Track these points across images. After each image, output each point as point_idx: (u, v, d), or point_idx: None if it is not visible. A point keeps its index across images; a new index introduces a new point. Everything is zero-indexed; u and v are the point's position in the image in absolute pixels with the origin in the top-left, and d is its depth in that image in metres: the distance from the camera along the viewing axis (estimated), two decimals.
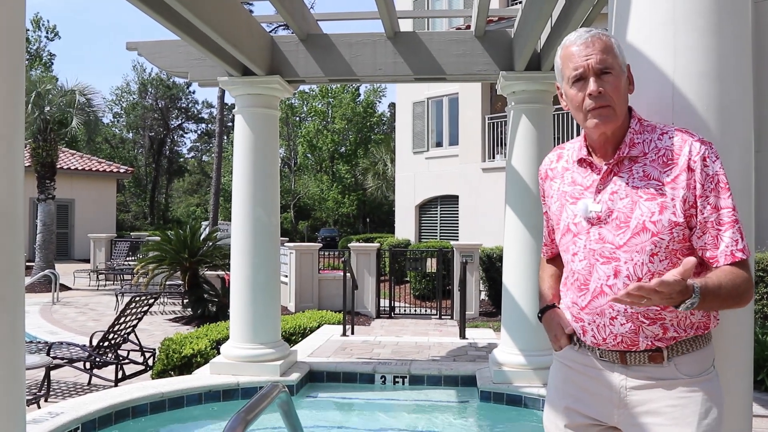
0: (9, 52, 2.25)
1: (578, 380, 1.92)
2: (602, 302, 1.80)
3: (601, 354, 1.84)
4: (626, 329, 1.77)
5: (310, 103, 41.19)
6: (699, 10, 1.92)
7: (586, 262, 1.84)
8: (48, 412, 4.58)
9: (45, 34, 38.53)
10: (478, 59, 5.97)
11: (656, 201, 1.75)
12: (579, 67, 1.79)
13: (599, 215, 1.82)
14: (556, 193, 1.98)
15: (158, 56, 6.31)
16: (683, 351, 1.78)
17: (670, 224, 1.73)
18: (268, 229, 6.04)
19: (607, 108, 1.78)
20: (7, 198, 2.25)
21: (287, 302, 12.18)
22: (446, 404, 5.83)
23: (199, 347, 6.71)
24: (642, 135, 1.83)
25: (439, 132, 18.37)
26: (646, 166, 1.79)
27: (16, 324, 2.36)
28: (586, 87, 1.79)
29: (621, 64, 1.81)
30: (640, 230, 1.75)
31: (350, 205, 37.71)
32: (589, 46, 1.79)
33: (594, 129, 1.82)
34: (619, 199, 1.80)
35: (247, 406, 1.79)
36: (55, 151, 16.92)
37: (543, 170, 2.09)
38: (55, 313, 12.14)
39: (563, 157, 2.02)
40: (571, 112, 1.88)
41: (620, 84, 1.79)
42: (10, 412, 2.35)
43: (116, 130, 47.00)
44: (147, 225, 40.34)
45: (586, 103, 1.79)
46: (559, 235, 1.96)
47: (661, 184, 1.76)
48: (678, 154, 1.76)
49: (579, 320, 1.88)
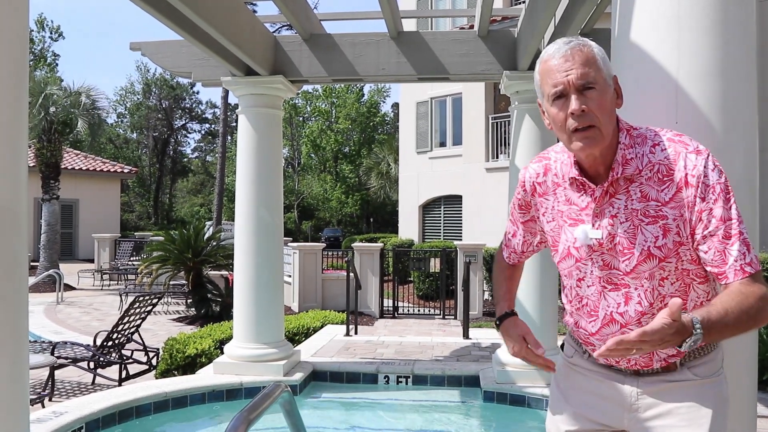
0: (12, 53, 2.25)
1: (587, 384, 1.86)
2: (614, 329, 1.73)
3: (612, 366, 1.80)
4: (639, 354, 1.63)
5: (314, 103, 41.20)
6: (703, 8, 1.92)
7: (594, 289, 1.76)
8: (52, 411, 4.59)
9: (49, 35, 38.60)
10: (481, 59, 5.96)
11: (658, 224, 1.65)
12: (559, 84, 1.64)
13: (600, 242, 1.72)
14: (550, 211, 1.85)
15: (161, 56, 6.31)
16: (695, 356, 1.73)
17: (675, 246, 1.64)
18: (271, 229, 6.05)
19: (592, 129, 1.63)
20: (11, 197, 2.26)
21: (291, 302, 12.18)
22: (449, 404, 5.83)
23: (202, 347, 6.72)
24: (633, 149, 1.69)
25: (443, 132, 18.36)
26: (643, 185, 1.68)
27: (20, 323, 2.36)
28: (567, 105, 1.64)
29: (605, 77, 1.66)
30: (647, 257, 1.66)
31: (354, 205, 37.71)
32: (569, 60, 1.63)
33: (580, 152, 1.69)
34: (619, 223, 1.69)
35: (249, 406, 1.79)
36: (59, 151, 16.96)
37: (529, 182, 1.90)
38: (59, 312, 12.17)
39: (551, 169, 1.85)
40: (555, 132, 1.74)
41: (605, 100, 1.64)
42: (14, 411, 2.35)
43: (120, 130, 47.09)
44: (151, 225, 40.41)
45: (568, 123, 1.64)
46: (558, 258, 1.85)
47: (660, 205, 1.65)
48: (673, 169, 1.64)
49: (589, 344, 1.83)
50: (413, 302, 12.45)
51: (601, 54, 1.68)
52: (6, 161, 2.24)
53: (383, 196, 33.51)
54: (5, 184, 2.22)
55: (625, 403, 1.77)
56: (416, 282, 13.24)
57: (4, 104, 2.23)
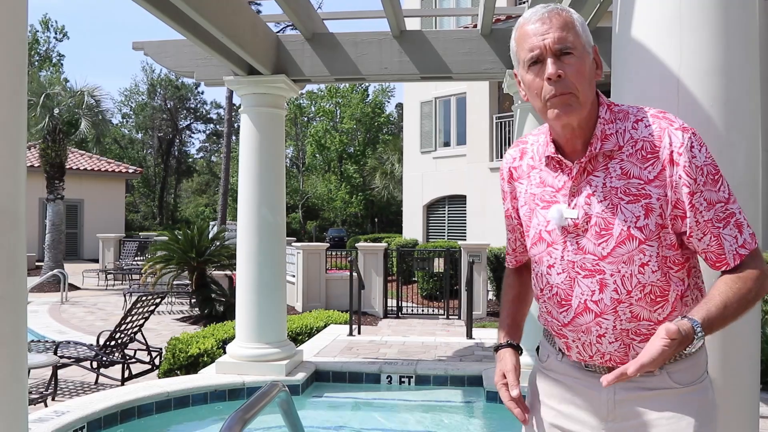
0: (10, 53, 2.25)
1: (562, 393, 1.73)
2: (587, 319, 1.60)
3: (587, 366, 1.68)
4: (615, 347, 1.59)
5: (319, 104, 41.23)
6: (705, 6, 1.90)
7: (565, 275, 1.62)
8: (54, 410, 4.59)
9: (54, 35, 38.74)
10: (484, 58, 5.94)
11: (640, 203, 1.53)
12: (535, 48, 1.54)
13: (576, 222, 1.59)
14: (523, 196, 1.74)
15: (164, 56, 6.31)
16: (676, 358, 1.59)
17: (658, 228, 1.53)
18: (274, 229, 6.04)
19: (569, 95, 1.52)
20: (9, 198, 2.25)
21: (294, 302, 12.18)
22: (452, 404, 5.81)
23: (205, 347, 6.71)
24: (614, 124, 1.59)
25: (447, 132, 18.35)
26: (624, 162, 1.56)
27: (19, 323, 2.35)
28: (543, 71, 1.53)
29: (585, 44, 1.56)
30: (626, 238, 1.53)
31: (358, 205, 37.73)
32: (546, 23, 1.53)
33: (555, 120, 1.57)
34: (597, 202, 1.57)
35: (245, 405, 1.77)
36: (64, 151, 17.00)
37: (506, 168, 1.81)
38: (63, 312, 12.19)
39: (527, 152, 1.76)
40: (530, 102, 1.62)
41: (584, 67, 1.54)
42: (13, 411, 2.35)
43: (125, 130, 47.22)
44: (156, 225, 40.51)
45: (544, 90, 1.54)
46: (530, 244, 1.72)
47: (643, 183, 1.54)
48: (658, 146, 1.53)
49: (561, 336, 1.69)
50: (417, 302, 12.44)
51: (581, 20, 1.59)
52: (5, 161, 2.23)
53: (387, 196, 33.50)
54: (4, 185, 2.21)
55: (601, 411, 1.65)
56: (420, 282, 13.22)
57: (3, 105, 2.22)
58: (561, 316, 1.66)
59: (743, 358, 1.95)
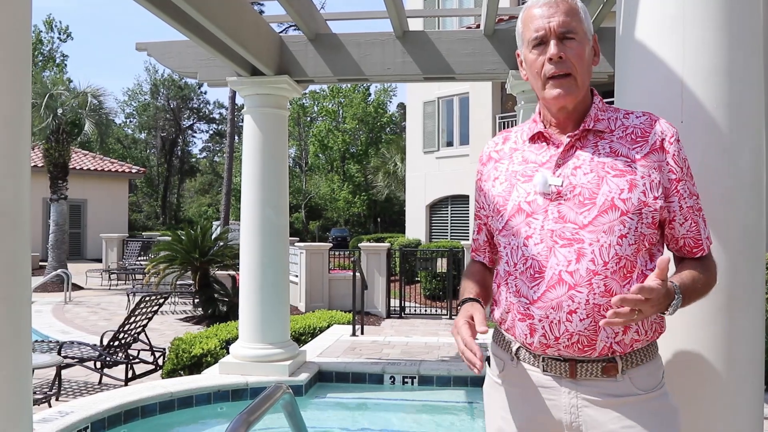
0: (14, 54, 2.25)
1: (521, 404, 1.69)
2: (560, 293, 1.57)
3: (547, 366, 1.63)
4: (585, 325, 1.56)
5: (321, 103, 41.25)
6: (709, 6, 1.89)
7: (543, 245, 1.61)
8: (58, 411, 4.60)
9: (58, 36, 38.79)
10: (487, 58, 5.94)
11: (625, 178, 1.59)
12: (540, 29, 1.64)
13: (560, 190, 1.62)
14: (503, 174, 1.75)
15: (167, 57, 6.32)
16: (637, 362, 1.61)
17: (640, 204, 1.57)
18: (277, 229, 6.04)
19: (569, 78, 1.62)
20: (12, 199, 2.26)
21: (297, 302, 12.19)
22: (455, 405, 5.81)
23: (208, 347, 6.72)
24: (606, 113, 1.70)
25: (450, 131, 18.35)
26: (613, 142, 1.65)
27: (22, 325, 2.36)
28: (546, 51, 1.63)
29: (586, 31, 1.66)
30: (609, 208, 1.57)
31: (361, 205, 37.73)
32: (552, 7, 1.64)
33: (554, 100, 1.65)
34: (582, 174, 1.62)
35: (249, 408, 1.77)
36: (67, 151, 17.05)
37: (486, 153, 1.85)
38: (67, 312, 12.22)
39: (510, 139, 1.83)
40: (530, 82, 1.73)
41: (583, 52, 1.64)
42: (17, 412, 2.35)
43: (128, 130, 47.30)
44: (159, 225, 40.57)
45: (545, 69, 1.63)
46: (505, 219, 1.71)
47: (630, 161, 1.61)
48: (648, 132, 1.64)
49: (527, 317, 1.62)
50: (420, 302, 12.45)
51: (584, 9, 1.69)
52: (8, 163, 2.24)
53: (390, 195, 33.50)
54: (7, 186, 2.21)
55: (564, 418, 1.62)
56: (423, 282, 13.23)
57: (6, 105, 2.22)
58: (531, 291, 1.62)
59: (746, 358, 1.94)
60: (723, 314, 1.87)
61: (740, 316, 1.88)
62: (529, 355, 1.67)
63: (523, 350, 1.69)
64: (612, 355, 1.59)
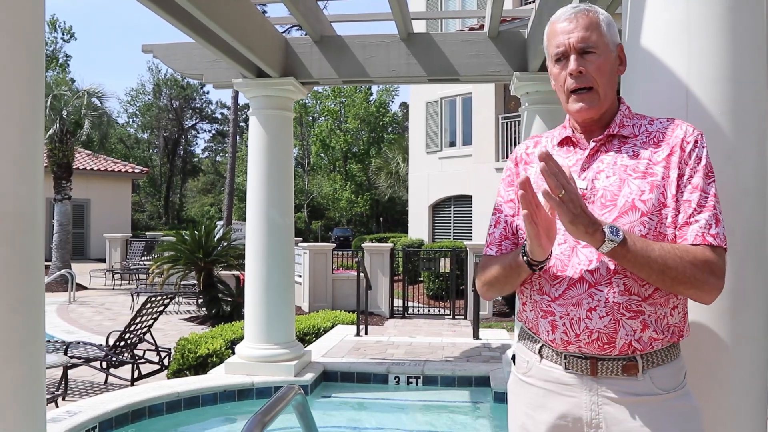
0: (28, 60, 2.29)
1: (544, 401, 1.72)
2: (580, 290, 1.63)
3: (569, 363, 1.67)
4: (604, 323, 1.60)
5: (323, 103, 41.25)
6: (713, 13, 1.92)
7: (566, 245, 1.67)
8: (66, 411, 4.64)
9: (61, 36, 38.86)
10: (491, 60, 5.97)
11: (646, 180, 1.64)
12: (561, 45, 1.70)
13: (584, 193, 1.66)
14: (532, 176, 1.74)
15: (173, 58, 6.35)
16: (658, 362, 1.64)
17: (659, 204, 1.62)
18: (282, 231, 6.08)
19: (590, 91, 1.69)
20: (27, 201, 2.29)
21: (301, 302, 12.23)
22: (459, 405, 5.84)
23: (214, 347, 6.76)
24: (632, 120, 1.75)
25: (453, 131, 18.35)
26: (637, 146, 1.70)
27: (36, 326, 2.40)
28: (567, 66, 1.70)
29: (608, 43, 1.70)
30: (629, 209, 1.62)
31: (363, 205, 37.72)
32: (572, 22, 1.69)
33: (577, 114, 1.73)
34: (605, 177, 1.68)
35: (263, 409, 1.81)
36: (71, 152, 17.10)
37: (518, 154, 1.90)
38: (71, 312, 12.26)
39: (541, 143, 1.88)
40: (556, 92, 1.79)
41: (605, 64, 1.69)
42: (31, 412, 2.39)
43: (131, 130, 47.34)
44: (161, 225, 40.60)
45: (567, 83, 1.70)
46: None
47: (651, 163, 1.66)
48: (670, 135, 1.68)
49: (549, 314, 1.68)
50: (423, 302, 12.47)
51: (607, 20, 1.72)
52: (23, 166, 2.27)
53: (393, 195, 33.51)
54: (22, 190, 2.25)
55: (585, 415, 1.65)
56: (426, 282, 13.25)
57: (21, 110, 2.26)
58: (553, 289, 1.68)
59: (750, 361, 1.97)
60: (727, 317, 1.89)
61: (744, 318, 1.90)
62: (552, 352, 1.71)
63: (546, 348, 1.73)
64: (632, 354, 1.63)
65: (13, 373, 2.28)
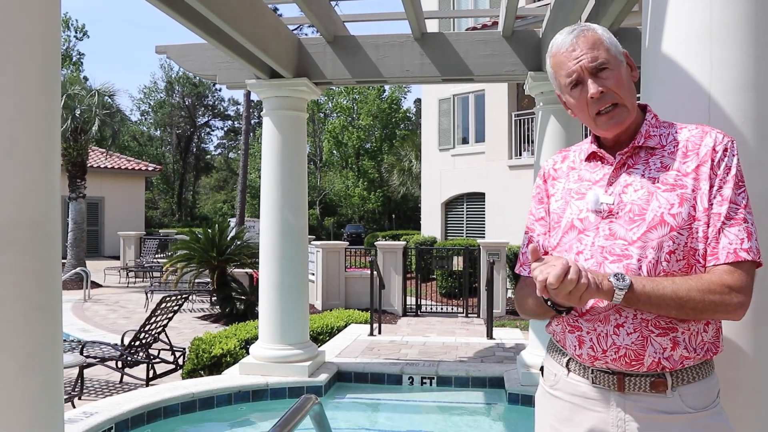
0: (45, 67, 2.29)
1: (571, 416, 1.70)
2: (607, 306, 1.59)
3: (596, 378, 1.64)
4: (632, 339, 1.56)
5: (336, 100, 41.25)
6: (736, 21, 1.89)
7: (593, 261, 1.63)
8: (83, 411, 4.67)
9: (74, 34, 39.06)
10: (506, 60, 5.93)
11: (675, 192, 1.59)
12: (572, 72, 1.66)
13: (611, 208, 1.64)
14: (559, 192, 1.80)
15: (186, 59, 6.37)
16: (689, 380, 1.59)
17: (690, 218, 1.57)
18: (296, 231, 6.08)
19: (616, 108, 1.65)
20: (44, 211, 2.30)
21: (314, 300, 12.25)
22: (474, 406, 5.83)
23: (228, 347, 6.78)
24: (659, 129, 1.71)
25: (465, 129, 18.30)
26: (665, 157, 1.65)
27: (54, 333, 2.41)
28: (585, 91, 1.65)
29: (616, 55, 1.67)
30: (658, 223, 1.57)
31: (376, 202, 37.71)
32: (576, 48, 1.66)
33: (607, 132, 1.69)
34: (633, 191, 1.64)
35: (281, 421, 1.80)
36: (85, 150, 17.20)
37: (546, 171, 1.88)
38: (86, 310, 12.35)
39: (569, 158, 1.86)
40: (579, 117, 1.75)
41: (621, 76, 1.66)
42: (49, 417, 2.40)
43: (144, 127, 47.57)
44: (175, 222, 40.78)
45: (591, 108, 1.66)
46: (560, 235, 1.74)
47: (681, 175, 1.61)
48: (699, 144, 1.63)
49: (576, 329, 1.66)
50: (436, 300, 12.46)
51: (606, 34, 1.69)
52: (39, 175, 2.28)
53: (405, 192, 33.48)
54: (39, 199, 2.26)
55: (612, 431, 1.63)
56: (439, 280, 13.24)
57: (37, 121, 2.26)
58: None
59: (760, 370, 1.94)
60: (749, 329, 1.86)
61: (765, 331, 1.87)
62: (579, 366, 1.69)
63: (573, 362, 1.71)
64: (661, 371, 1.59)
65: (31, 381, 2.29)
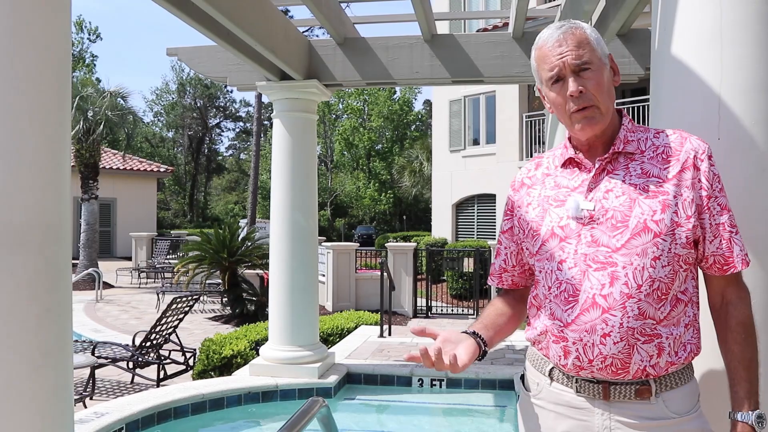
0: (56, 71, 2.30)
1: (555, 425, 1.69)
2: (594, 316, 1.57)
3: (580, 387, 1.63)
4: (618, 348, 1.55)
5: (347, 101, 41.32)
6: (746, 22, 1.87)
7: (576, 269, 1.61)
8: (94, 412, 4.70)
9: (87, 36, 39.36)
10: (516, 61, 5.91)
11: (657, 199, 1.58)
12: (554, 68, 1.64)
13: (592, 214, 1.62)
14: (536, 199, 1.76)
15: (197, 62, 6.39)
16: (671, 385, 1.60)
17: (673, 224, 1.56)
18: (306, 233, 6.08)
19: (592, 108, 1.62)
20: (55, 212, 2.31)
21: (325, 302, 12.27)
22: (484, 408, 5.81)
23: (238, 348, 6.80)
24: (636, 134, 1.69)
25: (476, 130, 18.28)
26: (644, 163, 1.64)
27: (65, 335, 2.42)
28: (565, 88, 1.63)
29: (600, 57, 1.65)
30: (641, 230, 1.56)
31: (387, 203, 37.74)
32: (563, 44, 1.63)
33: (581, 133, 1.66)
34: (614, 197, 1.62)
35: (288, 424, 1.81)
36: (97, 151, 17.32)
37: (518, 180, 1.86)
38: (98, 311, 12.43)
39: (542, 164, 1.83)
40: (556, 116, 1.73)
41: (602, 79, 1.63)
42: (59, 419, 2.41)
43: (156, 129, 47.85)
44: (186, 223, 40.99)
45: (568, 106, 1.64)
46: (539, 244, 1.71)
47: (661, 181, 1.60)
48: (679, 150, 1.63)
49: (561, 339, 1.63)
50: (446, 302, 12.45)
51: (594, 35, 1.67)
52: (50, 177, 2.29)
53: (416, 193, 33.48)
54: (50, 201, 2.27)
55: None
56: (449, 281, 13.22)
57: (47, 123, 2.27)
58: (565, 314, 1.63)
59: None
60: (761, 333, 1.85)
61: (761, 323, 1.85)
62: (563, 375, 1.67)
63: (556, 371, 1.69)
64: (646, 378, 1.59)
65: (41, 381, 2.30)
